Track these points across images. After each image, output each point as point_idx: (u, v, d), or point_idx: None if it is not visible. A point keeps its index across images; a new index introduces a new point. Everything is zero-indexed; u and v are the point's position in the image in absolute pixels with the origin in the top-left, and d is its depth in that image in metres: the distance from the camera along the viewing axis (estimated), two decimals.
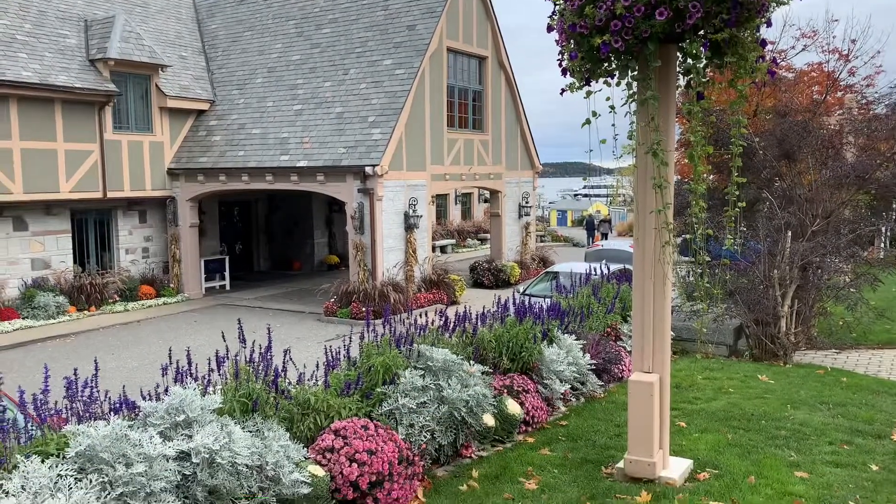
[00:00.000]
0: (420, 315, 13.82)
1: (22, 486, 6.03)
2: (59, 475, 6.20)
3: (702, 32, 7.14)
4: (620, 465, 8.93)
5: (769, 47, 7.57)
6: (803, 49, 30.76)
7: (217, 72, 30.73)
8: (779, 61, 22.97)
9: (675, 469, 8.86)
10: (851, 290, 17.20)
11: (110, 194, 25.98)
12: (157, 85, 27.25)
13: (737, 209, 7.63)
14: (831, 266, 16.98)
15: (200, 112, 29.19)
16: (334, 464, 7.92)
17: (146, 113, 27.35)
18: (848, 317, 17.89)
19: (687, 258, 15.87)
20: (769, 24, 7.15)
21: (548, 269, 24.50)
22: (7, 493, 5.98)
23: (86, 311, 24.44)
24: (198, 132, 28.66)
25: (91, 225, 26.70)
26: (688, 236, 8.32)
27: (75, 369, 7.80)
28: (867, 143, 19.29)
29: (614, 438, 10.38)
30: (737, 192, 7.59)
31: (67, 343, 21.03)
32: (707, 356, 16.38)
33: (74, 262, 25.71)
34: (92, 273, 25.69)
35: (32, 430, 7.07)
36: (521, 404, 10.88)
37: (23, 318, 22.82)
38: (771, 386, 13.47)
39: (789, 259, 16.45)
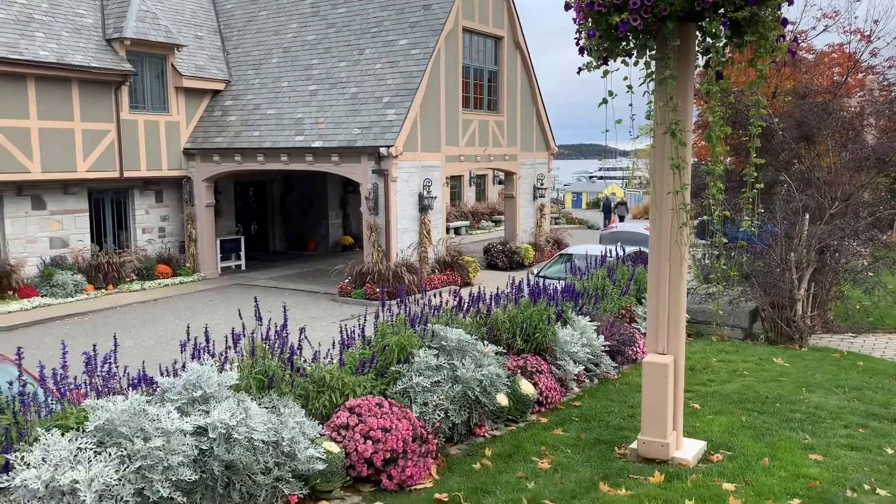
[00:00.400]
0: (434, 296, 13.87)
1: (43, 458, 6.14)
2: (78, 448, 6.31)
3: (722, 11, 7.09)
4: (634, 445, 8.95)
5: (790, 27, 7.53)
6: (824, 30, 30.50)
7: (232, 52, 30.73)
8: (799, 42, 22.82)
9: (689, 450, 8.88)
10: (869, 273, 17.12)
11: (127, 174, 26.07)
12: (172, 65, 27.30)
13: (755, 190, 7.61)
14: (849, 249, 16.90)
15: (216, 92, 29.21)
16: (349, 441, 7.98)
17: (162, 93, 27.41)
18: (865, 301, 17.84)
19: (704, 241, 15.86)
20: (790, 2, 7.10)
21: (562, 252, 24.49)
22: (28, 464, 6.08)
23: (103, 290, 24.58)
24: (213, 112, 28.70)
25: (108, 204, 26.83)
26: (705, 217, 8.30)
27: (94, 345, 7.86)
28: (888, 125, 19.20)
29: (627, 419, 10.40)
30: (755, 174, 7.56)
31: (85, 321, 21.17)
32: (722, 339, 16.36)
33: (92, 240, 25.87)
34: (109, 252, 25.81)
35: (52, 404, 7.17)
36: (535, 385, 10.91)
37: (42, 296, 22.99)
38: (786, 369, 13.46)
39: (806, 242, 16.35)
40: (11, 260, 23.20)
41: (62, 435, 6.44)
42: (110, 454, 6.36)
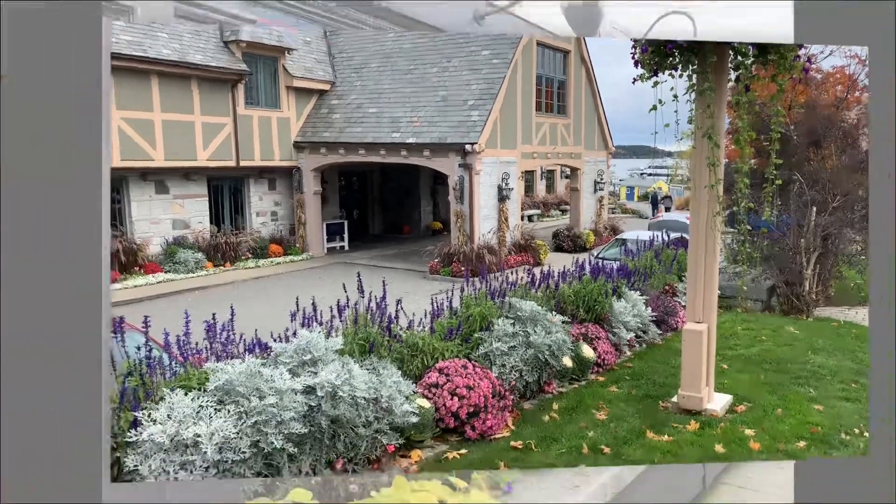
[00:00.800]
0: (510, 273, 14.10)
1: (168, 415, 6.31)
2: (200, 406, 6.44)
3: None
4: (675, 399, 9.21)
5: (804, 50, 7.89)
6: (830, 53, 30.48)
7: (337, 56, 30.90)
8: (812, 62, 22.77)
9: (718, 403, 9.21)
10: (862, 257, 17.94)
11: (242, 163, 26.17)
12: (283, 66, 27.39)
13: (774, 186, 7.91)
14: (846, 237, 17.77)
15: (322, 92, 29.33)
16: (438, 397, 8.18)
17: (274, 91, 27.46)
18: (858, 279, 18.29)
19: (732, 229, 16.29)
20: None
21: (618, 237, 24.63)
22: (155, 420, 6.22)
23: (221, 267, 24.62)
24: (320, 110, 29.00)
25: (225, 190, 26.96)
26: (734, 208, 8.62)
27: (213, 314, 7.99)
28: None
29: (670, 378, 10.56)
30: (775, 172, 7.92)
31: (205, 294, 21.27)
32: (745, 311, 16.72)
33: (210, 223, 25.92)
34: (226, 233, 25.85)
35: (176, 367, 7.29)
36: (594, 349, 11.09)
37: (165, 272, 23.02)
38: (797, 335, 13.78)
39: (813, 230, 17.20)
40: (137, 239, 23.31)
41: (185, 394, 6.56)
42: (229, 411, 6.44)
